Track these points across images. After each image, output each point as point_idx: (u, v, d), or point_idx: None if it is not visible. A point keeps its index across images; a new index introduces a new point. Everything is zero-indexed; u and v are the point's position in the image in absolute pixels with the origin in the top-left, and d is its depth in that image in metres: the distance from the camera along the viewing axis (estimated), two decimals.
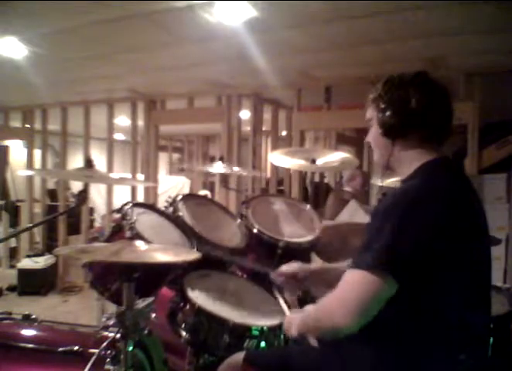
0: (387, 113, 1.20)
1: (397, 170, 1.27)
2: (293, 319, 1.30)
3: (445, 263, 1.07)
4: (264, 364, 1.39)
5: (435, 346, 1.10)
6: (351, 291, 1.07)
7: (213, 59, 3.29)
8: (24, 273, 4.64)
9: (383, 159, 1.28)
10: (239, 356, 1.41)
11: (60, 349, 1.42)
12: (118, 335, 1.42)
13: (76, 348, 1.42)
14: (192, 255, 1.50)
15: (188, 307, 1.67)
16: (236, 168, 2.51)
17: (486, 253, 1.18)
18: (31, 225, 3.62)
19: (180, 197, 2.13)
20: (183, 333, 1.65)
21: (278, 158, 2.50)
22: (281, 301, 1.71)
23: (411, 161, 1.21)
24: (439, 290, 1.09)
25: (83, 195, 1.66)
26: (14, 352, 1.48)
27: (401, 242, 1.04)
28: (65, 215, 4.91)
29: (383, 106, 1.21)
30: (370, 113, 1.28)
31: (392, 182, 2.28)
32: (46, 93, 4.42)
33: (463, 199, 1.14)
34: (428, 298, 1.09)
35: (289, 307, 1.73)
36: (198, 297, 1.68)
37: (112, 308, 1.86)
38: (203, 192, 5.45)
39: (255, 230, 2.09)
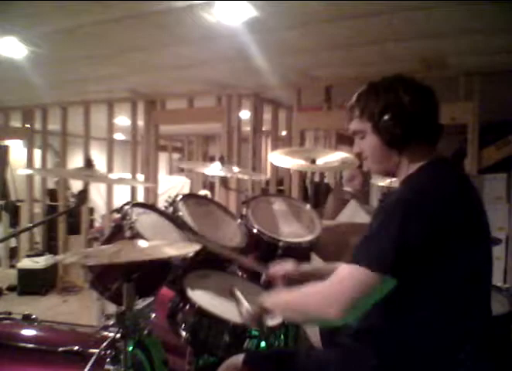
0: (389, 121, 1.17)
1: (396, 174, 1.26)
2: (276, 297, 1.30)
3: (446, 260, 1.07)
4: (264, 367, 1.38)
5: (434, 346, 1.10)
6: (348, 285, 1.05)
7: (213, 59, 3.29)
8: (24, 273, 4.64)
9: (385, 168, 1.26)
10: (238, 358, 1.39)
11: (60, 349, 1.42)
12: (118, 335, 1.42)
13: (76, 348, 1.42)
14: (193, 247, 1.49)
15: (188, 307, 1.66)
16: (236, 170, 2.50)
17: (487, 252, 1.18)
18: (31, 225, 3.61)
19: (180, 197, 2.13)
20: (183, 333, 1.65)
21: (278, 158, 2.50)
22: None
23: (409, 163, 1.21)
24: (439, 287, 1.09)
25: (83, 195, 1.65)
26: (14, 352, 1.48)
27: (405, 238, 1.03)
28: (65, 215, 4.91)
29: (381, 114, 1.18)
30: (358, 124, 1.26)
31: (392, 181, 2.29)
32: (46, 93, 4.41)
33: (466, 198, 1.14)
34: (428, 296, 1.09)
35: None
36: (198, 297, 1.68)
37: (112, 308, 1.86)
38: (203, 192, 5.44)
39: (255, 230, 2.09)
